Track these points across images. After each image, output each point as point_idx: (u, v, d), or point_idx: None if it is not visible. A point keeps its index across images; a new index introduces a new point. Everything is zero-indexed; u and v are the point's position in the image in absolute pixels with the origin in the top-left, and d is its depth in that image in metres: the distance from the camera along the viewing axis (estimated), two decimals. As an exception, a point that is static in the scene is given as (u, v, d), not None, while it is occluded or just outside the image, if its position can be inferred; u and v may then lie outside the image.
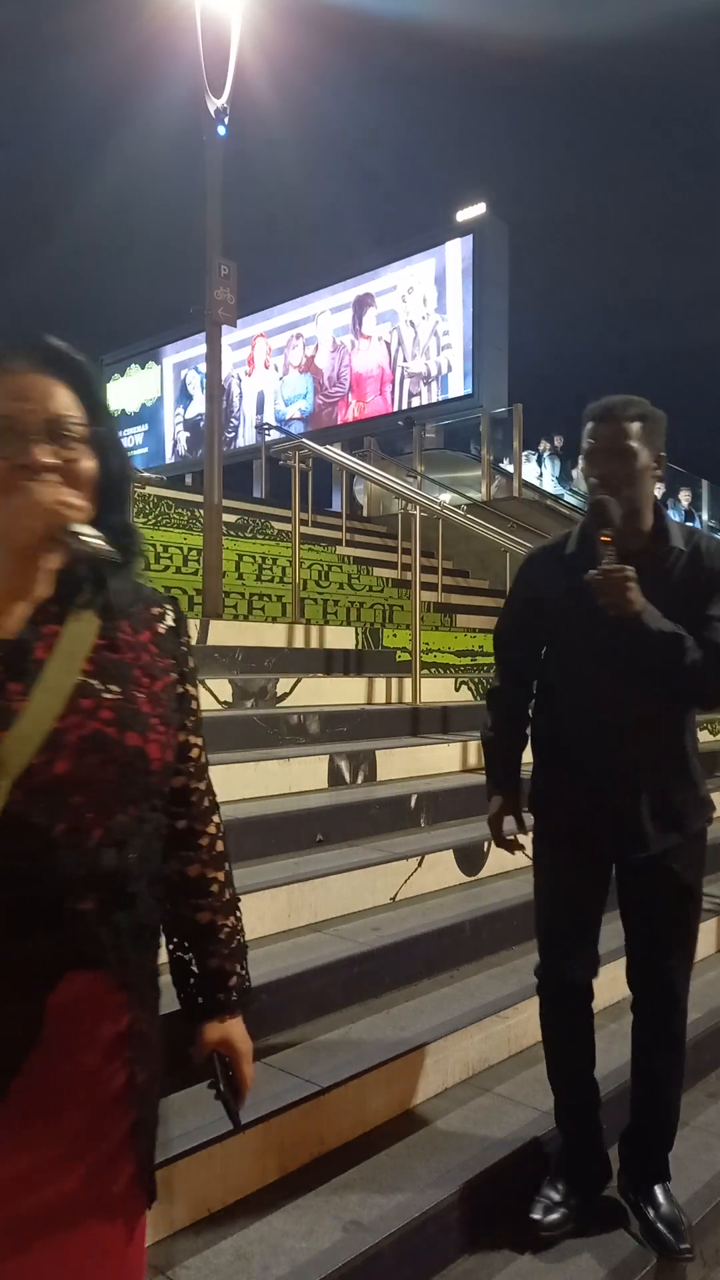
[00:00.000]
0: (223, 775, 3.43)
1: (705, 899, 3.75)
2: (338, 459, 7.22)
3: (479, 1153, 2.16)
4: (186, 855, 1.24)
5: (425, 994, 2.74)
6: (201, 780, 1.28)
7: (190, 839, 1.25)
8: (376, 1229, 1.87)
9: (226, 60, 5.82)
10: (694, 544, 2.05)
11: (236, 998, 1.26)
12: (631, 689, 2.00)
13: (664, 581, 1.98)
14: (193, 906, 1.25)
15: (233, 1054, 1.25)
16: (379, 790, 3.90)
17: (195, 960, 1.25)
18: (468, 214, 16.27)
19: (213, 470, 6.02)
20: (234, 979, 1.26)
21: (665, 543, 2.03)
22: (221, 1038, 1.24)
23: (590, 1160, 2.17)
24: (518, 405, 13.11)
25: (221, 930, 1.26)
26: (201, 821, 1.27)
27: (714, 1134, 2.53)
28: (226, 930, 1.26)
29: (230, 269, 5.94)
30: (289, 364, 19.36)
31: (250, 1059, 1.27)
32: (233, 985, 1.26)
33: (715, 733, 6.39)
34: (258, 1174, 2.00)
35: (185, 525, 9.06)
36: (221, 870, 1.27)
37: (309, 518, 9.86)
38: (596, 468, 1.98)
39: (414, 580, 5.39)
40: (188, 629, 1.26)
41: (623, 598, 1.86)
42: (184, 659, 1.22)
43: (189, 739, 1.24)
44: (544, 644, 2.17)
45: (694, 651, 1.92)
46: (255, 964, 2.54)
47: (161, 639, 1.19)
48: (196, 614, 5.93)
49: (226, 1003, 1.25)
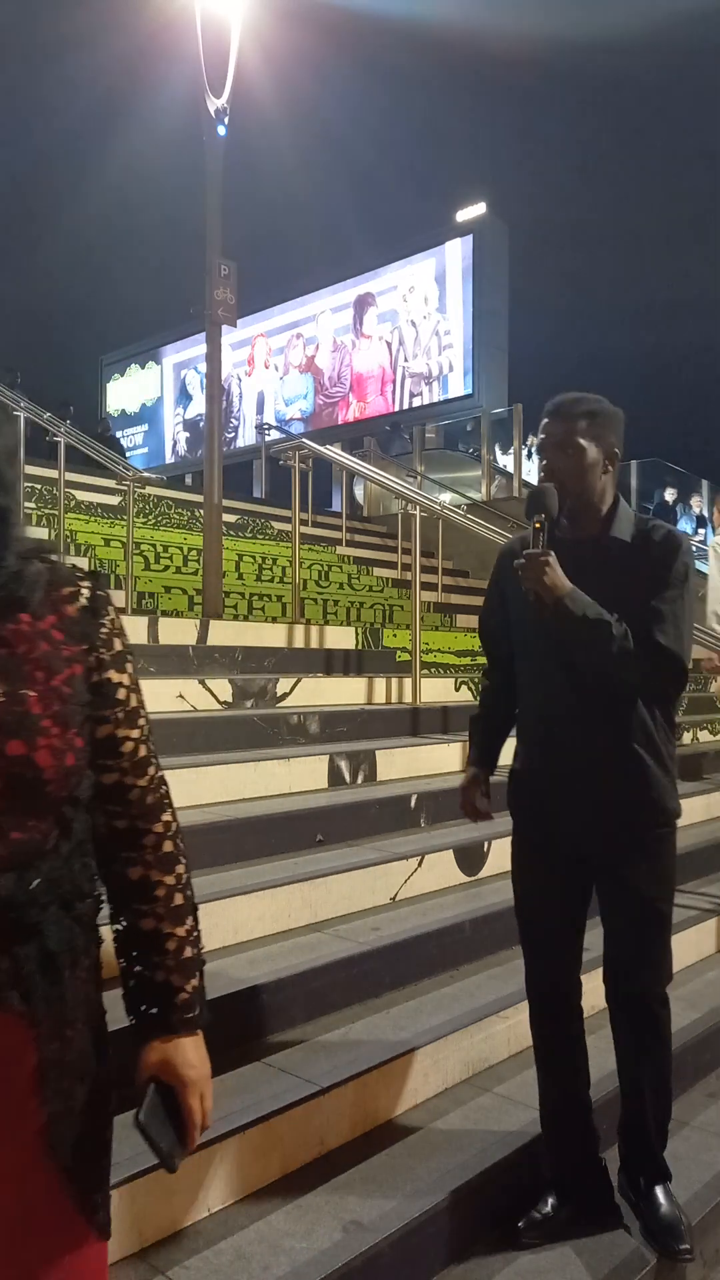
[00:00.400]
0: (223, 775, 3.46)
1: (705, 899, 3.78)
2: (338, 459, 7.22)
3: (479, 1153, 2.16)
4: (128, 857, 1.13)
5: (425, 994, 2.74)
6: (141, 775, 1.14)
7: (131, 839, 1.13)
8: (376, 1229, 1.87)
9: (226, 60, 5.83)
10: (643, 535, 2.03)
11: (184, 1017, 1.12)
12: (570, 680, 2.01)
13: (612, 570, 1.98)
14: (135, 913, 1.12)
15: (176, 1082, 1.09)
16: (379, 790, 3.90)
17: (140, 972, 1.13)
18: (468, 214, 16.28)
19: (213, 470, 6.02)
20: (181, 995, 1.12)
21: (608, 533, 2.03)
22: (161, 1060, 1.09)
23: (579, 1165, 2.14)
24: (518, 405, 13.11)
25: (168, 940, 1.12)
26: (146, 820, 1.14)
27: (714, 1134, 2.53)
28: (175, 940, 1.13)
29: (230, 269, 5.95)
30: (289, 364, 19.37)
31: (201, 1090, 1.11)
32: (180, 1002, 1.11)
33: (715, 733, 6.39)
34: (258, 1174, 2.00)
35: (185, 525, 9.07)
36: (170, 874, 1.14)
37: (309, 518, 9.86)
38: (544, 460, 2.04)
39: (414, 580, 5.39)
40: (109, 607, 1.12)
41: (539, 581, 1.89)
42: (104, 643, 1.10)
43: (117, 731, 1.11)
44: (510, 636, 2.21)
45: (624, 640, 1.89)
46: (255, 963, 2.55)
47: (70, 623, 1.06)
48: (197, 614, 5.93)
49: (170, 1022, 1.11)
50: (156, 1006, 1.12)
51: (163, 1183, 1.81)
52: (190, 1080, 1.10)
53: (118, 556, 6.85)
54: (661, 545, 2.01)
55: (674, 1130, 2.51)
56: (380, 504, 13.64)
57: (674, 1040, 2.73)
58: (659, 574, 1.98)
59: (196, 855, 2.94)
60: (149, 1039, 1.11)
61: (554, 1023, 2.16)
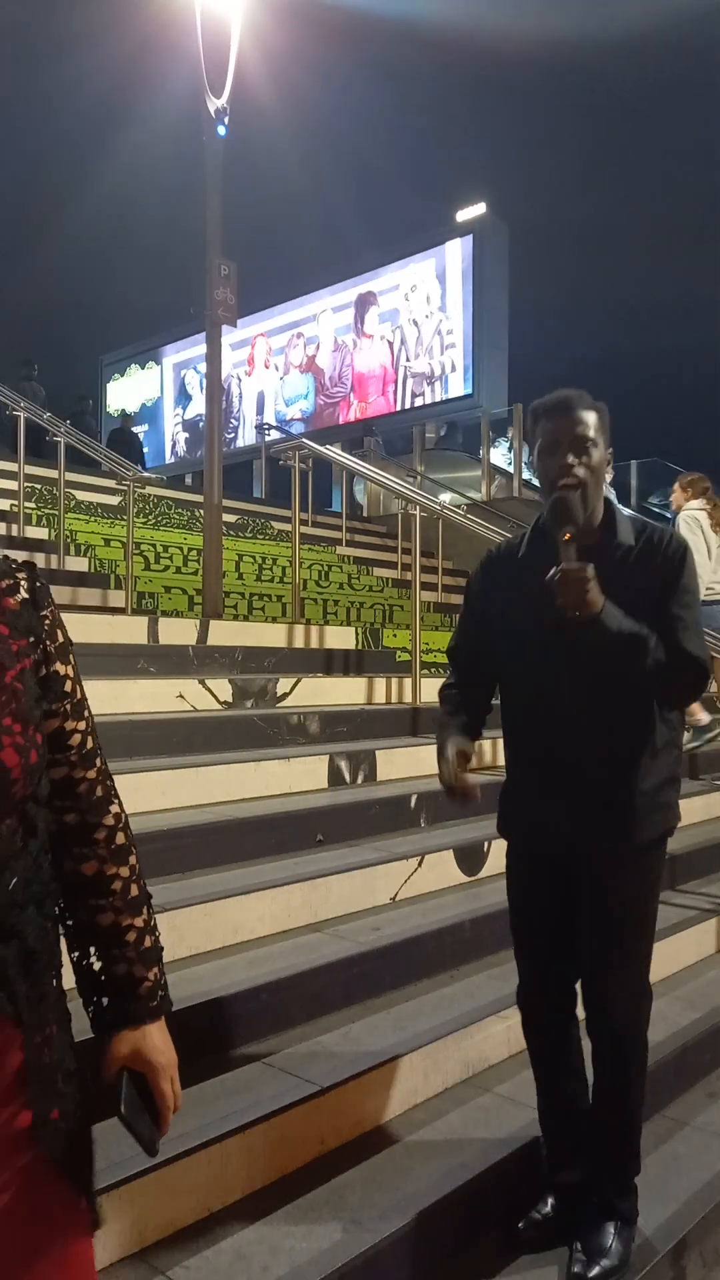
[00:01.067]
0: (223, 775, 3.46)
1: (705, 899, 3.78)
2: (338, 459, 7.22)
3: (479, 1152, 2.16)
4: (81, 852, 1.12)
5: (425, 994, 2.74)
6: (89, 768, 1.13)
7: (83, 834, 1.12)
8: (376, 1229, 1.87)
9: (226, 60, 5.83)
10: (645, 537, 1.99)
11: (149, 1005, 1.13)
12: (582, 691, 1.93)
13: (619, 578, 1.89)
14: (92, 908, 1.12)
15: (147, 1069, 1.10)
16: (379, 790, 3.90)
17: (102, 966, 1.12)
18: (468, 214, 16.28)
19: (213, 470, 6.03)
20: (145, 984, 1.13)
21: (614, 537, 1.97)
22: (132, 1050, 1.10)
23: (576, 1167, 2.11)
24: (518, 405, 13.11)
25: (128, 932, 1.13)
26: (95, 814, 1.13)
27: (714, 1134, 2.53)
28: (135, 931, 1.13)
29: (230, 269, 5.95)
30: (289, 364, 19.37)
31: (170, 1074, 1.13)
32: (144, 992, 1.12)
33: (689, 717, 6.37)
34: (258, 1174, 2.00)
35: (185, 525, 9.07)
36: (124, 865, 1.14)
37: (309, 518, 9.86)
38: (559, 461, 1.91)
39: (414, 580, 5.39)
40: (49, 597, 1.10)
41: (583, 598, 1.78)
42: (49, 635, 1.08)
43: (65, 725, 1.10)
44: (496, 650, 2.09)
45: (657, 651, 1.85)
46: (255, 964, 2.55)
47: (14, 616, 1.04)
48: (197, 614, 5.93)
49: (136, 1011, 1.11)
50: (120, 998, 1.12)
51: (163, 1182, 1.81)
52: (161, 1066, 1.12)
53: (118, 556, 6.85)
54: (669, 550, 1.97)
55: (673, 1130, 2.52)
56: (380, 504, 13.65)
57: (674, 1040, 2.76)
58: (671, 579, 1.94)
59: (196, 855, 2.96)
60: (116, 1030, 1.11)
61: (546, 1030, 2.13)
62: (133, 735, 3.57)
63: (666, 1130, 2.52)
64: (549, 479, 1.94)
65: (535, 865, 2.09)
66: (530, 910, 2.11)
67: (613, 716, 1.94)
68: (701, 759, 5.51)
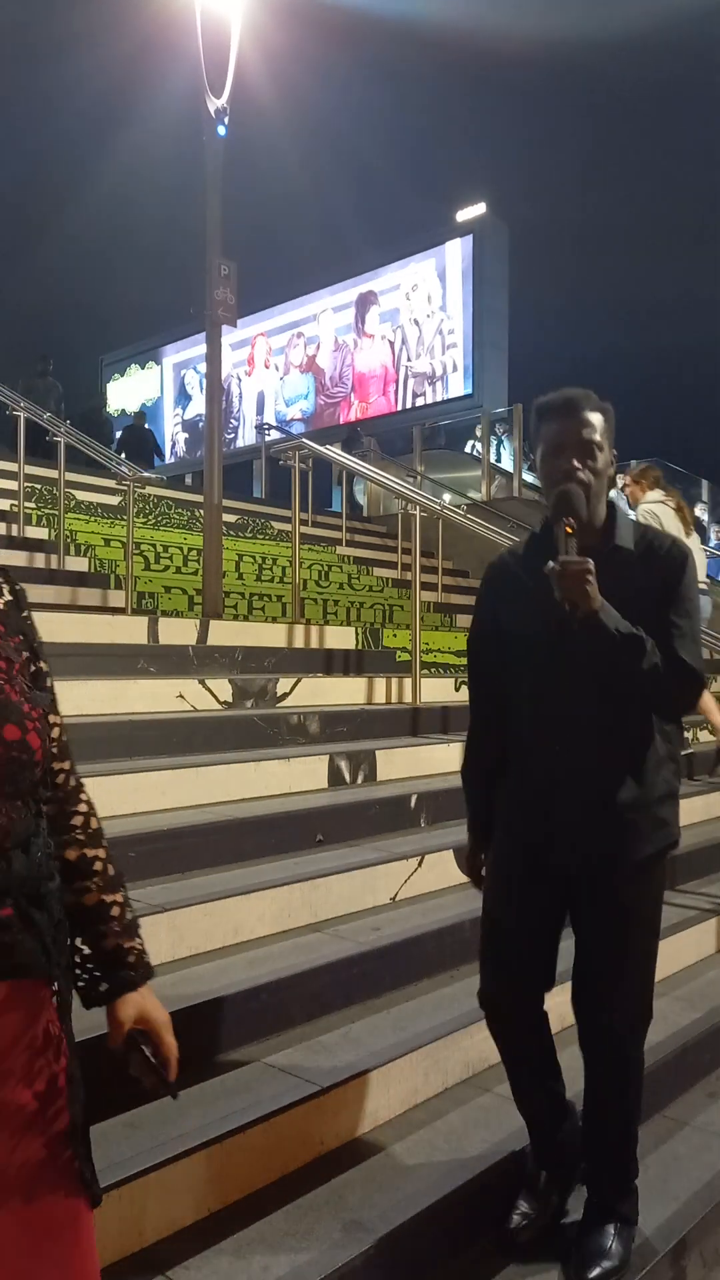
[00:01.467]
0: (223, 775, 3.46)
1: (705, 899, 3.78)
2: (338, 459, 7.22)
3: (479, 1153, 2.16)
4: (64, 839, 1.20)
5: (425, 994, 2.74)
6: (65, 760, 1.23)
7: (64, 821, 1.21)
8: (376, 1229, 1.87)
9: (226, 60, 5.83)
10: (645, 543, 1.97)
11: (141, 970, 1.24)
12: (583, 695, 1.91)
13: (618, 581, 1.86)
14: (78, 890, 1.21)
15: (152, 1026, 1.22)
16: (379, 790, 3.90)
17: (90, 944, 1.22)
18: (468, 214, 16.30)
19: (213, 470, 6.03)
20: (134, 952, 1.23)
21: (614, 540, 1.95)
22: (138, 1013, 1.21)
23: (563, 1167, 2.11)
24: (518, 405, 13.12)
25: (112, 907, 1.22)
26: (71, 802, 1.23)
27: (714, 1134, 2.53)
28: (117, 906, 1.23)
29: (230, 269, 5.95)
30: (290, 363, 19.37)
31: (170, 1028, 1.24)
32: (134, 960, 1.23)
33: (716, 733, 6.38)
34: (258, 1174, 2.00)
35: (185, 525, 9.07)
36: (100, 848, 1.24)
37: (309, 518, 9.85)
38: (564, 464, 1.89)
39: (414, 580, 5.38)
40: (26, 599, 1.20)
41: (581, 591, 1.76)
42: (31, 632, 1.17)
43: (51, 718, 1.18)
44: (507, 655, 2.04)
45: (653, 655, 1.83)
46: (255, 964, 2.55)
47: (5, 616, 1.14)
48: (197, 614, 5.93)
49: (132, 978, 1.22)
50: (115, 968, 1.22)
51: (163, 1183, 1.81)
52: (164, 1021, 1.24)
53: (118, 556, 6.85)
54: (668, 556, 1.95)
55: (673, 1130, 2.52)
56: (380, 504, 13.64)
57: (674, 1040, 2.76)
58: (670, 586, 1.92)
59: (196, 855, 2.96)
60: (118, 996, 1.21)
61: (517, 1034, 2.09)
62: (133, 735, 3.57)
63: (666, 1130, 2.52)
64: (552, 482, 1.91)
65: (534, 875, 2.01)
66: (517, 919, 2.03)
67: (613, 719, 1.92)
68: (701, 759, 5.52)
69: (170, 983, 2.37)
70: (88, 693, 3.65)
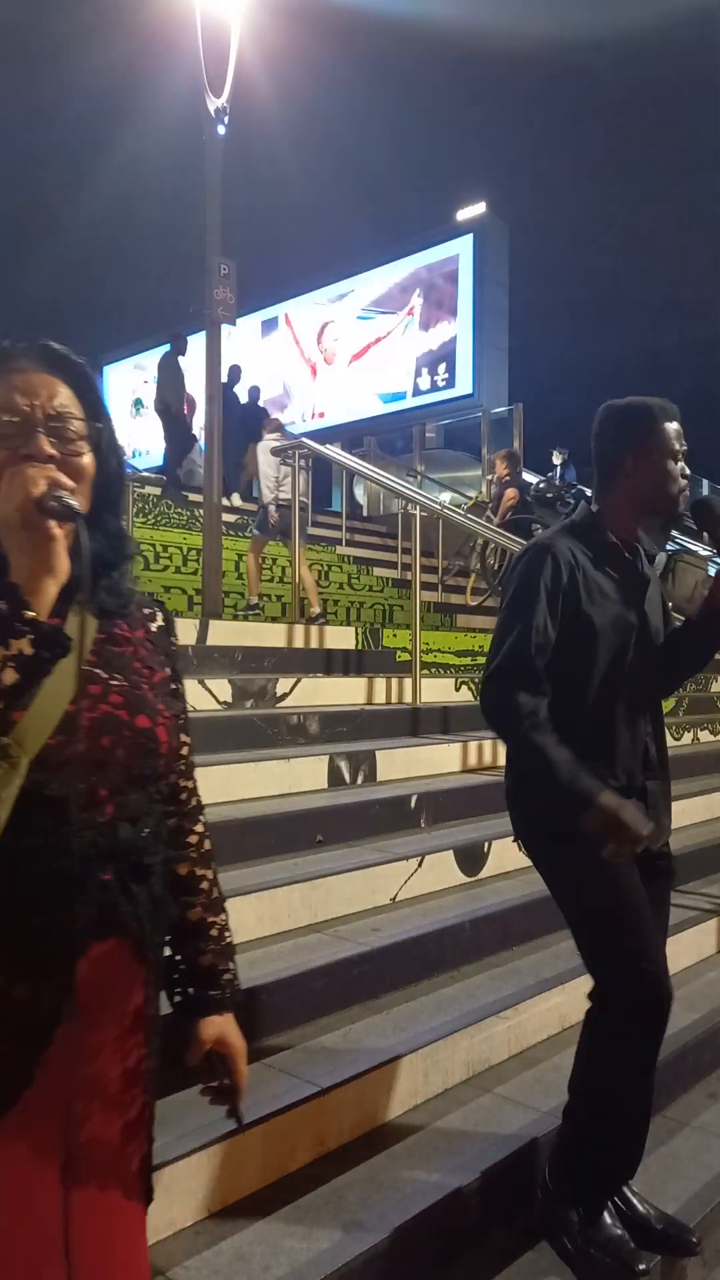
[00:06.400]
0: (223, 775, 3.45)
1: (705, 899, 3.78)
2: (338, 458, 7.22)
3: (479, 1153, 2.16)
4: (177, 854, 1.26)
5: (426, 994, 2.74)
6: (190, 779, 1.31)
7: (180, 837, 1.27)
8: (376, 1229, 1.87)
9: (226, 60, 5.82)
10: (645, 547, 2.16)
11: (229, 995, 1.28)
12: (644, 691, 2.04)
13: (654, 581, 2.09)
14: (183, 904, 1.26)
15: (229, 1051, 1.26)
16: (379, 790, 3.90)
17: (186, 958, 1.27)
18: (468, 213, 16.28)
19: (212, 470, 6.03)
20: (226, 976, 1.28)
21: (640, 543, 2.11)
22: (218, 1035, 1.25)
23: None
24: (518, 405, 13.11)
25: (212, 928, 1.28)
26: (190, 820, 1.30)
27: (714, 1134, 2.53)
28: (217, 928, 1.29)
29: (230, 268, 5.94)
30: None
31: (245, 1056, 1.28)
32: (224, 983, 1.28)
33: (716, 733, 6.39)
34: (258, 1174, 2.00)
35: (185, 525, 9.07)
36: (210, 869, 1.30)
37: (309, 517, 9.85)
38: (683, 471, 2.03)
39: (414, 580, 5.39)
40: (175, 629, 1.30)
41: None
42: (175, 657, 1.27)
43: (181, 736, 1.26)
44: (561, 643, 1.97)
45: None
46: (255, 964, 2.55)
47: (155, 637, 1.24)
48: (196, 614, 5.93)
49: (220, 1000, 1.27)
50: (205, 987, 1.26)
51: (162, 1183, 1.81)
52: (241, 1049, 1.28)
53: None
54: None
55: (674, 1130, 2.52)
56: (380, 504, 13.64)
57: (674, 1041, 2.75)
58: None
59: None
60: (203, 1015, 1.25)
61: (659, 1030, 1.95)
62: (133, 735, 3.56)
63: (667, 1131, 2.52)
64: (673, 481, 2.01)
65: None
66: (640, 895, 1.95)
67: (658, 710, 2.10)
68: (701, 759, 5.52)
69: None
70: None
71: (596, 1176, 2.00)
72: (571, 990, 2.69)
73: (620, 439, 2.01)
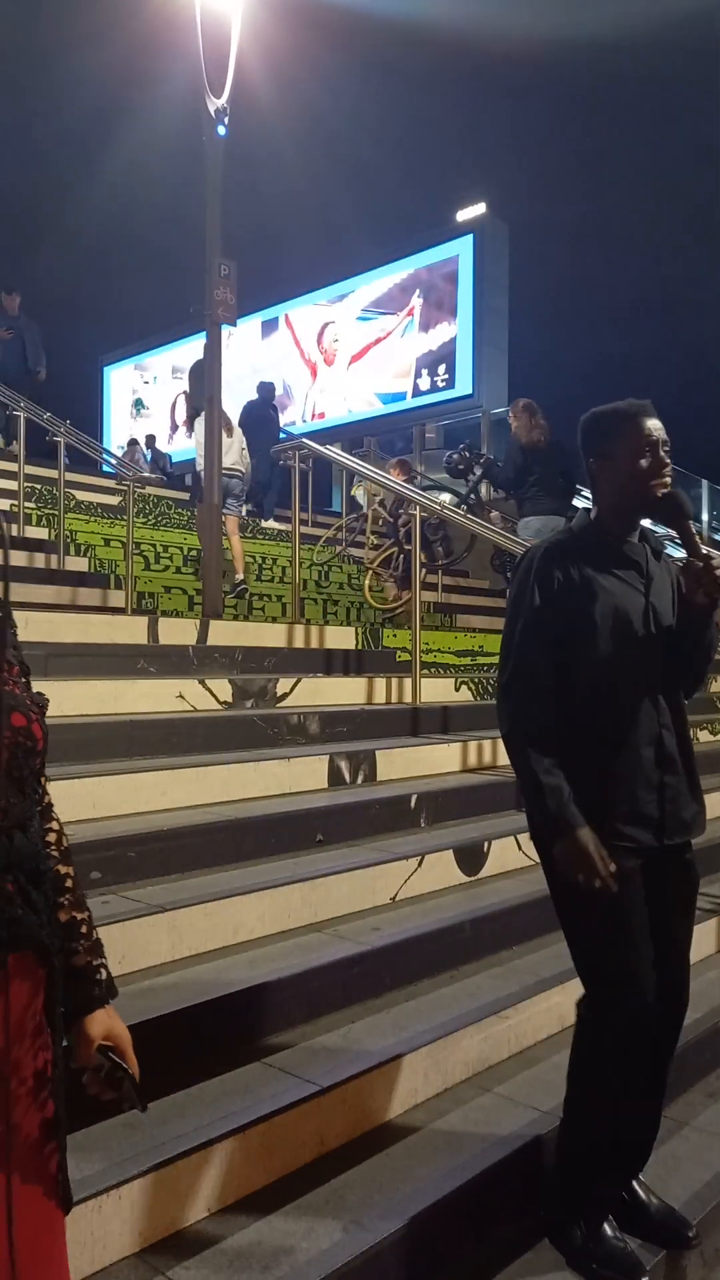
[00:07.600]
0: (223, 775, 3.46)
1: (705, 899, 3.77)
2: (338, 459, 7.21)
3: (479, 1153, 2.16)
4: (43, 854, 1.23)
5: (425, 994, 2.74)
6: (43, 775, 1.25)
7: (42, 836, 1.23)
8: (376, 1229, 1.87)
9: (226, 60, 5.82)
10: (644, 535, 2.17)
11: (108, 989, 1.27)
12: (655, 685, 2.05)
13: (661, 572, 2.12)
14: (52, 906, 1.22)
15: (119, 1043, 1.25)
16: (379, 790, 3.90)
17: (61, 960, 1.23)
18: (468, 214, 16.29)
19: (213, 470, 6.02)
20: (102, 971, 1.27)
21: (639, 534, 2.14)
22: (106, 1031, 1.24)
23: None
24: (518, 405, 13.07)
25: (82, 925, 1.26)
26: (45, 818, 1.25)
27: (714, 1134, 2.53)
28: (86, 925, 1.26)
29: (230, 268, 5.94)
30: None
31: (131, 1044, 1.28)
32: (101, 979, 1.26)
33: (716, 733, 6.39)
34: (258, 1174, 2.00)
35: (185, 525, 9.07)
36: (71, 865, 1.27)
37: (309, 517, 9.86)
38: (666, 460, 2.05)
39: (414, 580, 5.38)
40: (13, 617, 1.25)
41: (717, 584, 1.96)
42: (19, 649, 1.23)
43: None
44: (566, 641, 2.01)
45: None
46: (256, 964, 2.55)
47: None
48: (197, 614, 5.93)
49: (101, 996, 1.26)
50: (85, 986, 1.24)
51: (163, 1183, 1.81)
52: (128, 1037, 1.27)
53: (118, 556, 6.85)
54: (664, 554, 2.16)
55: (674, 1130, 2.51)
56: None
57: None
58: None
59: (196, 855, 2.96)
60: (88, 1013, 1.24)
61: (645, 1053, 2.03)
62: (133, 735, 3.57)
63: (667, 1130, 2.51)
64: (651, 472, 2.02)
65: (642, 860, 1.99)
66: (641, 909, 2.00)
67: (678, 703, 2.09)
68: (701, 759, 5.50)
69: (170, 983, 2.37)
70: (88, 693, 3.65)
71: (593, 1191, 2.03)
72: (571, 990, 2.68)
73: (588, 447, 2.12)
